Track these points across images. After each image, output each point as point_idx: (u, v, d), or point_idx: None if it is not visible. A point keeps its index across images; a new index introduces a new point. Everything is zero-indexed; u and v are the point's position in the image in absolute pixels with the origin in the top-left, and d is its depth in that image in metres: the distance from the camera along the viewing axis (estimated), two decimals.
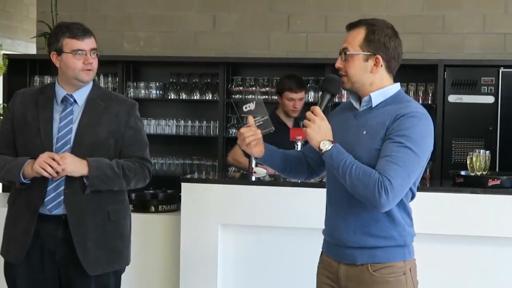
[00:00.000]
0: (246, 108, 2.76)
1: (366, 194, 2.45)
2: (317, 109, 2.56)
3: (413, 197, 2.63)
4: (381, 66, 2.62)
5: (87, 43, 3.07)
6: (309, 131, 2.54)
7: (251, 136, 2.66)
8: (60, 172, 2.95)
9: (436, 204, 3.53)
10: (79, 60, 3.05)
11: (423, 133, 2.52)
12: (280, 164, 2.88)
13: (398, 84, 2.70)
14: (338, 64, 2.64)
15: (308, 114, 2.56)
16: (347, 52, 2.61)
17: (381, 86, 2.64)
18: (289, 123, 4.74)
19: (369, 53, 2.60)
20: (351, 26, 2.66)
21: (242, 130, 2.69)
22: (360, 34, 2.61)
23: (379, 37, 2.62)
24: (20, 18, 9.01)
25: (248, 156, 4.06)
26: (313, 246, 2.85)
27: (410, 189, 2.57)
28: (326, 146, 2.51)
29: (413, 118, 2.52)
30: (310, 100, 5.74)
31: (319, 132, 2.53)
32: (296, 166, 2.91)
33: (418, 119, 2.53)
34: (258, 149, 2.72)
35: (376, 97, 2.63)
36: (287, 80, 4.73)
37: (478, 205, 3.54)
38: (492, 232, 3.52)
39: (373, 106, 2.63)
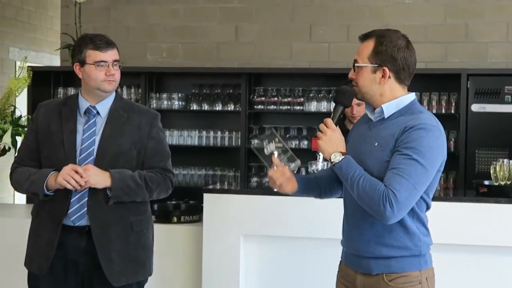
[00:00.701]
0: (267, 150, 2.76)
1: (371, 206, 2.48)
2: (329, 121, 2.60)
3: (428, 207, 2.63)
4: (389, 77, 2.61)
5: (110, 55, 3.08)
6: (320, 143, 2.57)
7: (281, 177, 2.68)
8: (83, 184, 2.96)
9: (460, 214, 3.51)
10: (102, 71, 3.07)
11: (431, 145, 2.51)
12: (315, 192, 2.90)
13: (413, 94, 2.69)
14: (351, 75, 2.67)
15: (321, 126, 2.59)
16: (356, 64, 2.64)
17: (392, 97, 2.64)
18: None
19: (376, 65, 2.61)
20: (364, 38, 2.68)
21: (270, 173, 2.70)
22: (369, 46, 2.63)
23: (387, 48, 2.61)
24: (44, 30, 9.06)
25: None
26: (334, 256, 2.85)
27: (424, 199, 2.57)
28: (336, 158, 2.53)
29: (421, 130, 2.51)
30: (331, 110, 5.73)
31: (330, 144, 2.56)
32: (329, 187, 2.90)
33: (427, 131, 2.51)
34: (290, 186, 2.73)
35: (388, 108, 2.63)
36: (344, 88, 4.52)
37: (502, 215, 3.51)
38: None
39: (386, 117, 2.63)
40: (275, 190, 2.77)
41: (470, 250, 3.55)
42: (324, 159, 3.97)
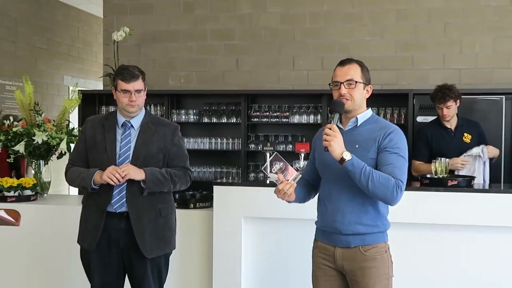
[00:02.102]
0: (273, 170, 2.73)
1: (385, 194, 2.48)
2: (334, 126, 2.51)
3: None
4: (368, 94, 2.68)
5: (133, 85, 3.09)
6: (333, 144, 2.46)
7: (290, 188, 2.61)
8: (121, 180, 3.00)
9: (409, 200, 3.51)
10: (126, 97, 3.10)
11: (404, 144, 2.60)
12: (305, 197, 2.85)
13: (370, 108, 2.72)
14: (343, 91, 2.58)
15: (327, 131, 2.49)
16: (356, 81, 2.59)
17: (362, 110, 2.68)
18: (450, 126, 4.38)
19: (366, 83, 2.65)
20: (345, 63, 2.65)
21: (281, 187, 2.60)
22: (357, 68, 2.63)
23: (367, 72, 2.67)
24: (90, 62, 9.08)
25: None
26: (310, 234, 2.87)
27: None
28: (348, 156, 2.45)
29: (398, 134, 2.59)
30: (310, 122, 5.78)
31: (341, 144, 2.48)
32: (309, 192, 2.87)
33: (400, 134, 2.61)
34: (292, 195, 2.65)
35: (361, 118, 2.66)
36: (434, 92, 4.30)
37: (441, 201, 3.53)
38: (451, 221, 3.52)
39: (358, 125, 2.65)
40: (284, 200, 2.68)
41: (417, 227, 3.57)
42: (304, 159, 3.96)
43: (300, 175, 2.74)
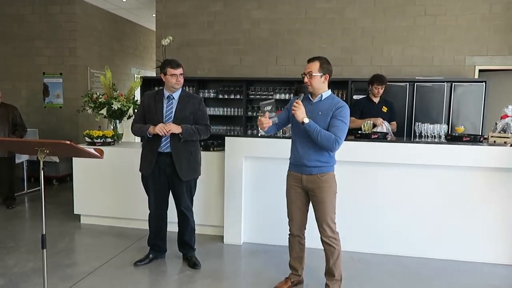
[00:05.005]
0: (264, 107, 2.65)
1: (328, 145, 2.49)
2: (299, 101, 2.53)
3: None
4: (327, 79, 2.61)
5: (178, 71, 3.02)
6: (298, 113, 2.50)
7: (267, 124, 2.59)
8: (167, 133, 2.95)
9: (349, 147, 3.46)
10: (174, 79, 3.02)
11: (348, 115, 2.55)
12: (272, 131, 2.80)
13: (330, 89, 2.66)
14: (306, 80, 2.58)
15: (295, 104, 2.52)
16: (313, 74, 2.56)
17: (324, 91, 2.63)
18: (376, 101, 4.23)
19: (322, 73, 2.57)
20: (311, 60, 2.61)
21: (262, 119, 2.57)
22: (317, 64, 2.57)
23: (326, 65, 2.59)
24: (147, 59, 8.91)
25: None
26: (284, 167, 2.83)
27: None
28: (306, 120, 2.50)
29: (345, 108, 2.55)
30: (286, 98, 5.65)
31: (302, 113, 2.51)
32: (277, 129, 2.82)
33: (347, 108, 2.56)
34: (268, 128, 2.63)
35: (324, 95, 2.62)
36: (375, 77, 4.17)
37: (368, 147, 3.47)
38: (373, 160, 3.47)
39: (322, 99, 2.61)
40: (260, 129, 2.66)
41: (353, 164, 3.52)
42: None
43: (276, 120, 2.68)
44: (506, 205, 3.38)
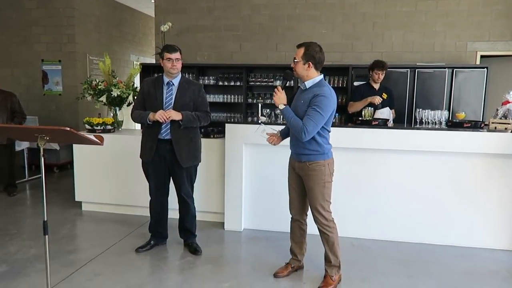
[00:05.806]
0: (264, 128, 2.82)
1: (297, 133, 2.48)
2: (279, 87, 2.58)
3: (328, 131, 2.59)
4: (311, 67, 2.53)
5: (174, 56, 2.98)
6: (275, 99, 2.56)
7: (278, 138, 2.78)
8: (167, 119, 2.92)
9: (350, 134, 3.44)
10: (169, 63, 2.98)
11: (325, 103, 2.45)
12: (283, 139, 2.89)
13: (321, 75, 2.59)
14: (292, 65, 2.58)
15: (275, 90, 2.57)
16: (295, 60, 2.54)
17: (311, 77, 2.57)
18: (376, 87, 4.19)
19: (305, 60, 2.51)
20: (298, 46, 2.58)
21: (270, 140, 2.76)
22: (301, 51, 2.53)
23: (311, 52, 2.51)
24: (147, 45, 8.84)
25: None
26: (284, 155, 2.82)
27: (325, 128, 2.54)
28: (281, 106, 2.54)
29: (323, 97, 2.46)
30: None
31: (279, 99, 2.56)
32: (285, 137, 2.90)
33: (325, 97, 2.47)
34: (278, 143, 2.80)
35: (309, 83, 2.57)
36: (375, 63, 4.13)
37: (367, 134, 3.45)
38: (374, 146, 3.44)
39: (307, 87, 2.57)
40: (271, 144, 2.78)
41: (355, 150, 3.51)
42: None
43: (277, 133, 2.81)
44: (506, 191, 3.38)
